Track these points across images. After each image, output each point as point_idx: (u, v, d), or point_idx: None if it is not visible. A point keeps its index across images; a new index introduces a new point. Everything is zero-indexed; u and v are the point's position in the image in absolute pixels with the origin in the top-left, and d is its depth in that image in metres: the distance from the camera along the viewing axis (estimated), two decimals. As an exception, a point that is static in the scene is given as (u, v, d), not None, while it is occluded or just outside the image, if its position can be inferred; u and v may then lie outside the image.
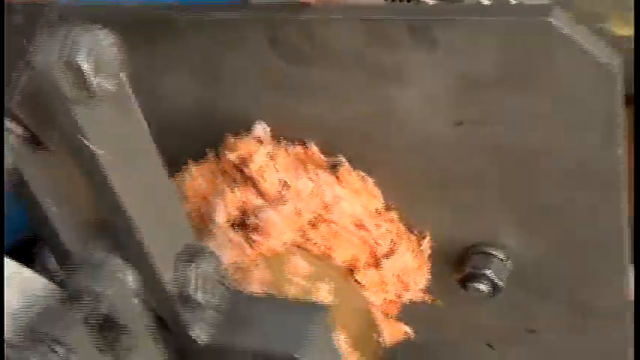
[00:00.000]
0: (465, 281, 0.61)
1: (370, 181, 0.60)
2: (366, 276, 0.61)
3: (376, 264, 0.61)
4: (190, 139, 0.61)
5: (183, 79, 0.60)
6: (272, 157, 0.58)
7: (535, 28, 0.50)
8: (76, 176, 0.45)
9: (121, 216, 0.45)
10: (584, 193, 0.56)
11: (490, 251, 0.61)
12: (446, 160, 0.58)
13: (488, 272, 0.61)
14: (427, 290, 0.64)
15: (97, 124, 0.41)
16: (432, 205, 0.61)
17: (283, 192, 0.58)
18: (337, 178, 0.59)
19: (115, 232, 0.47)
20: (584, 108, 0.52)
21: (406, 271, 0.62)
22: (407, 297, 0.63)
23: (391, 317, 0.65)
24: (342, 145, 0.60)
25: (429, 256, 0.63)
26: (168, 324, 0.51)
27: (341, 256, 0.60)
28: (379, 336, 0.62)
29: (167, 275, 0.48)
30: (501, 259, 0.61)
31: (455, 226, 0.61)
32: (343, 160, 0.60)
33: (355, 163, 0.60)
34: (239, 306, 0.51)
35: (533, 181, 0.56)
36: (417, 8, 0.55)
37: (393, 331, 0.65)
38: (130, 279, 0.40)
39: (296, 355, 0.49)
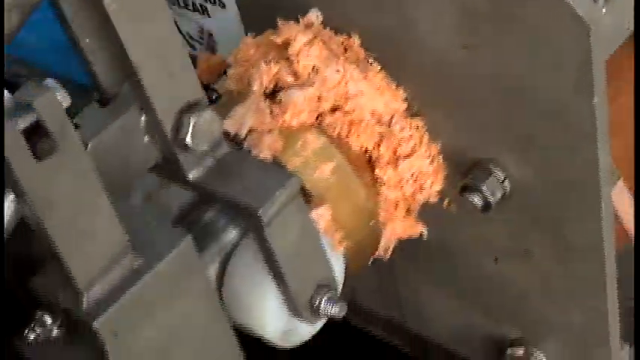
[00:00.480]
0: (462, 190, 0.69)
1: (394, 85, 0.68)
2: (385, 172, 0.69)
3: (395, 162, 0.70)
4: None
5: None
6: (310, 44, 0.67)
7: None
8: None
9: (128, 66, 0.57)
10: (561, 134, 0.62)
11: (491, 168, 0.68)
12: (458, 80, 0.65)
13: (483, 186, 0.68)
14: (443, 195, 0.72)
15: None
16: (448, 118, 0.68)
17: (312, 76, 0.67)
18: (365, 75, 0.67)
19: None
20: (559, 53, 0.58)
21: (422, 173, 0.70)
22: (421, 197, 0.71)
23: (410, 214, 0.73)
24: (377, 49, 0.68)
25: (445, 164, 0.70)
26: (169, 162, 0.62)
27: (357, 143, 0.68)
28: (376, 225, 0.70)
29: (167, 123, 0.59)
30: (498, 178, 0.68)
31: (466, 139, 0.68)
32: (373, 61, 0.68)
33: (386, 69, 0.68)
34: (229, 158, 0.62)
35: (521, 111, 0.63)
36: None
37: (408, 227, 0.73)
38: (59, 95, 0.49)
39: (259, 213, 0.59)
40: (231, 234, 0.65)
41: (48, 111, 0.46)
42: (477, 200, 0.67)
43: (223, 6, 0.72)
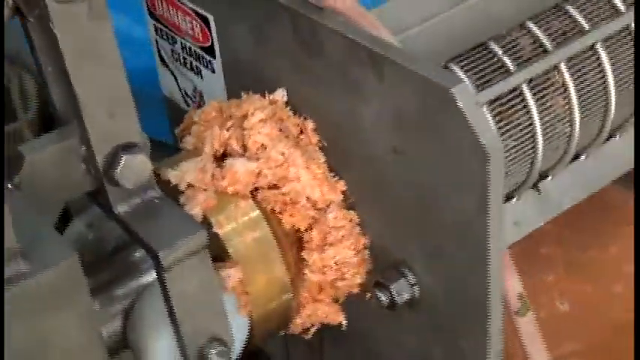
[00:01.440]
0: (374, 285, 0.74)
1: (334, 177, 0.74)
2: (311, 256, 0.75)
3: (322, 248, 0.75)
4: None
5: (244, 32, 0.77)
6: (265, 122, 0.74)
7: (440, 91, 0.62)
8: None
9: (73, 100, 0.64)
10: (463, 251, 0.67)
11: (404, 271, 0.73)
12: (386, 179, 0.71)
13: (391, 286, 0.73)
14: (366, 289, 0.77)
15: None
16: (377, 216, 0.74)
17: (259, 152, 0.74)
18: (307, 165, 0.74)
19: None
20: (466, 173, 0.63)
21: (346, 263, 0.76)
22: (343, 286, 0.77)
23: (336, 302, 0.79)
24: (328, 136, 0.74)
25: (370, 258, 0.76)
26: (100, 193, 0.69)
27: (289, 221, 0.75)
28: (291, 302, 0.76)
29: (100, 158, 0.67)
30: (409, 281, 0.73)
31: (390, 239, 0.74)
32: (324, 146, 0.74)
33: (331, 158, 0.74)
34: (156, 203, 0.69)
35: (434, 220, 0.68)
36: (379, 41, 0.67)
37: (330, 313, 0.78)
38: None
39: (159, 255, 0.66)
40: (150, 276, 0.72)
41: None
42: (383, 298, 0.73)
43: (213, 71, 0.80)
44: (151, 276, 0.72)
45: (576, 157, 0.90)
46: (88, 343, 0.63)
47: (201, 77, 0.83)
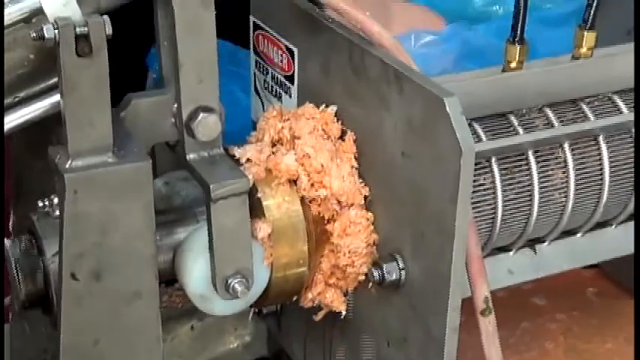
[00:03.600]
0: (372, 264, 1.00)
1: (361, 184, 1.01)
2: (330, 241, 1.02)
3: (341, 236, 1.01)
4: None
5: (315, 62, 1.07)
6: (312, 133, 1.02)
7: (437, 100, 0.89)
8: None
9: (175, 65, 0.95)
10: (437, 237, 0.92)
11: (396, 256, 0.99)
12: (395, 179, 0.98)
13: (384, 266, 0.99)
14: (369, 279, 1.03)
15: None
16: (384, 211, 1.00)
17: (304, 159, 1.01)
18: (340, 174, 1.01)
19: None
20: (446, 167, 0.89)
21: (357, 253, 1.01)
22: (351, 272, 1.03)
23: (341, 291, 1.05)
24: (361, 146, 1.02)
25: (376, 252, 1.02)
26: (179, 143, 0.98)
27: (315, 210, 1.01)
28: (305, 274, 1.01)
29: (185, 113, 0.96)
30: (399, 265, 0.98)
31: (392, 233, 1.00)
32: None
33: (360, 164, 1.02)
34: (219, 158, 0.97)
35: (422, 211, 0.94)
36: (404, 65, 0.95)
37: (334, 299, 1.04)
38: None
39: (211, 186, 0.94)
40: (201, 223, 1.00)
41: (94, 29, 0.84)
42: (375, 274, 0.98)
43: (290, 95, 1.09)
44: (201, 223, 0.99)
45: (573, 233, 1.14)
46: (146, 231, 0.90)
47: (281, 101, 1.12)
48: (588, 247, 1.16)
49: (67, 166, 0.86)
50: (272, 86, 1.13)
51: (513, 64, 1.07)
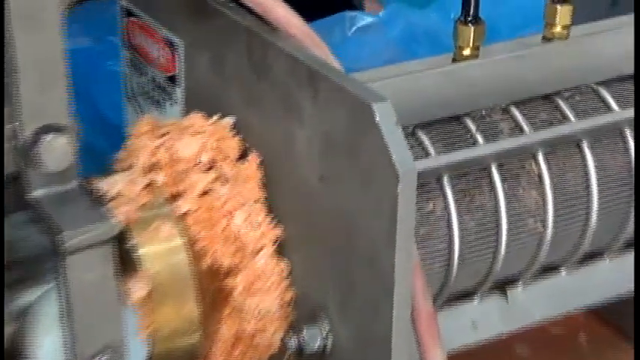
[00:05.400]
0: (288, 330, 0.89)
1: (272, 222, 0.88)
2: (231, 301, 0.89)
3: (245, 296, 0.90)
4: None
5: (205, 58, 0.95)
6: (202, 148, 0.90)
7: (363, 107, 0.78)
8: None
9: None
10: (371, 287, 0.81)
11: (319, 317, 0.88)
12: (315, 214, 0.87)
13: (304, 331, 0.88)
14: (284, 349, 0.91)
15: None
16: (300, 255, 0.89)
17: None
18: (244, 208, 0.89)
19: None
20: (378, 196, 0.79)
21: (269, 316, 0.90)
22: (262, 342, 0.92)
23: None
24: (267, 168, 0.91)
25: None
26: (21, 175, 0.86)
27: (211, 257, 0.90)
28: (198, 346, 0.89)
29: (26, 134, 0.84)
30: (323, 329, 0.87)
31: (313, 285, 0.89)
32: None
33: (268, 192, 0.90)
34: (74, 194, 0.86)
35: (349, 253, 0.81)
36: (320, 61, 0.84)
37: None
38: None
39: (64, 233, 0.82)
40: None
41: None
42: (292, 343, 0.87)
43: (175, 102, 0.99)
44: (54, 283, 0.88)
45: (555, 269, 1.05)
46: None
47: (164, 110, 1.02)
48: (575, 287, 1.05)
49: None
50: (150, 90, 1.03)
51: (467, 51, 0.99)
